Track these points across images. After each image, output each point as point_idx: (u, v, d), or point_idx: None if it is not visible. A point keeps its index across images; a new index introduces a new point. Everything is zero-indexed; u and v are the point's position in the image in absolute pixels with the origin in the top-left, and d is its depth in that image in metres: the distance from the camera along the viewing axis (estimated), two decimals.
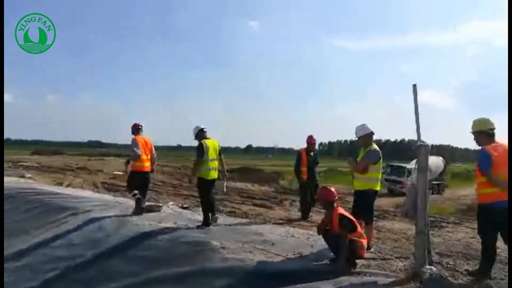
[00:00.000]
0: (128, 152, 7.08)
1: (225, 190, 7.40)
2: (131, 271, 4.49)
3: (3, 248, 2.68)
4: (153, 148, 7.21)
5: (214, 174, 6.03)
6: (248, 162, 41.20)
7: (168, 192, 11.99)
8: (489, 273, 3.76)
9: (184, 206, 8.57)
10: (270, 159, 67.00)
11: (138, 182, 6.84)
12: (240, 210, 8.93)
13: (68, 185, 11.99)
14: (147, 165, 6.95)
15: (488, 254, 3.75)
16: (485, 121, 3.89)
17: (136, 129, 7.06)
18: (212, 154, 5.93)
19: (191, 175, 6.43)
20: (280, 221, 7.38)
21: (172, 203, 9.30)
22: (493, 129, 3.86)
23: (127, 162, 7.08)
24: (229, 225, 6.24)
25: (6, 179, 12.47)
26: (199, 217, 6.95)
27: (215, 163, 6.03)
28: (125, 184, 8.44)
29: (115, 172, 15.95)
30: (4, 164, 12.87)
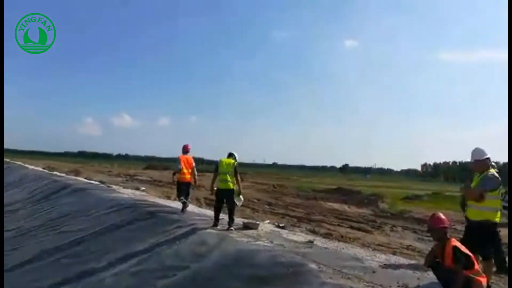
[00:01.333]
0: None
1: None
2: (231, 287, 4.66)
3: (3, 248, 2.97)
4: (194, 165, 9.20)
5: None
6: (344, 182, 39.95)
7: (264, 210, 12.24)
8: None
9: (281, 225, 8.64)
10: (367, 180, 63.91)
11: (181, 190, 8.92)
12: (336, 232, 8.68)
13: (174, 199, 13.05)
14: (188, 177, 9.00)
15: None
16: None
17: (183, 150, 9.15)
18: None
19: None
20: (381, 247, 6.96)
21: (268, 221, 9.46)
22: None
23: (174, 174, 9.20)
24: (326, 247, 6.10)
25: (124, 190, 14.17)
26: (295, 237, 6.98)
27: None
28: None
29: (215, 188, 16.85)
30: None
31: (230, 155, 7.93)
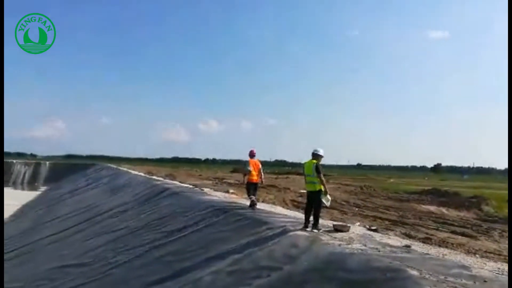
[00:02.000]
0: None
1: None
2: None
3: (3, 248, 3.10)
4: (260, 167, 10.51)
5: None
6: (437, 183, 36.80)
7: (353, 212, 11.87)
8: None
9: (372, 228, 8.30)
10: (464, 180, 57.97)
11: (250, 189, 10.32)
12: (435, 236, 8.04)
13: (262, 201, 13.36)
14: (255, 178, 10.34)
15: None
16: None
17: (250, 154, 10.58)
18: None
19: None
20: (490, 255, 6.27)
21: (358, 223, 9.17)
22: None
23: (244, 175, 10.60)
24: (426, 253, 5.70)
25: (216, 193, 14.93)
26: (390, 241, 6.66)
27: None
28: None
29: (301, 191, 16.88)
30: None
31: (313, 154, 7.92)
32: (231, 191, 16.15)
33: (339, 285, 4.61)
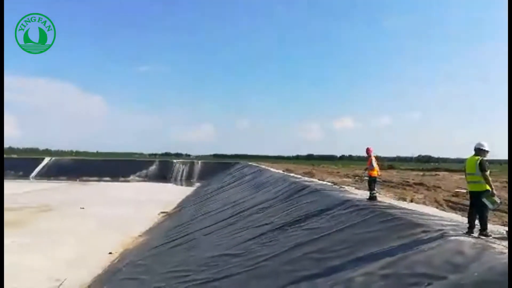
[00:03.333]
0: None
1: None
2: None
3: (3, 247, 2.91)
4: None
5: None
6: None
7: None
8: None
9: None
10: None
11: (371, 182, 11.45)
12: None
13: (410, 201, 12.32)
14: (375, 173, 11.47)
15: None
16: None
17: (368, 152, 11.48)
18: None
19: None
20: None
21: None
22: None
23: (366, 169, 11.87)
24: None
25: (357, 191, 14.43)
26: None
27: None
28: (468, 202, 8.15)
29: (456, 190, 14.98)
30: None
31: (476, 150, 6.96)
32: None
33: None
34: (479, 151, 6.91)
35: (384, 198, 12.46)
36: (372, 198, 11.12)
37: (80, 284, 10.67)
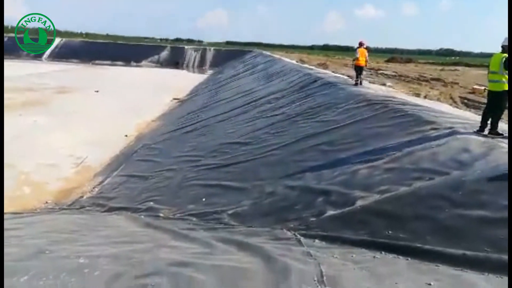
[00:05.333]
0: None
1: None
2: (504, 205, 4.08)
3: (3, 247, 2.94)
4: (367, 55, 13.33)
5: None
6: None
7: None
8: None
9: None
10: None
11: (356, 70, 13.29)
12: None
13: (424, 97, 12.11)
14: (361, 63, 13.23)
15: None
16: None
17: (359, 44, 13.03)
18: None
19: None
20: None
21: None
22: None
23: (353, 60, 13.56)
24: None
25: (371, 85, 14.16)
26: None
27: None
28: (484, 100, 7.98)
29: (474, 87, 14.55)
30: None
31: (503, 47, 6.48)
32: (388, 84, 15.08)
33: None
34: (506, 48, 6.42)
35: (397, 93, 12.24)
36: (356, 84, 13.26)
37: (99, 162, 11.43)
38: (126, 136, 14.84)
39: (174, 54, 65.94)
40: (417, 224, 4.25)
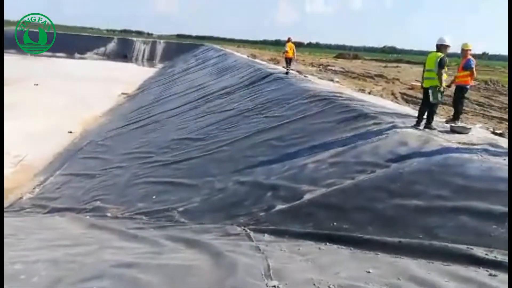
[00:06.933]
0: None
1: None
2: (435, 194, 4.42)
3: (3, 247, 3.07)
4: (294, 48, 16.59)
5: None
6: None
7: (475, 112, 10.64)
8: None
9: (497, 132, 7.40)
10: None
11: (286, 62, 16.58)
12: None
13: (369, 93, 12.70)
14: (290, 55, 16.40)
15: None
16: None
17: (288, 40, 16.29)
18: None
19: None
20: None
21: (480, 125, 8.26)
22: None
23: (283, 53, 15.89)
24: None
25: (320, 81, 14.59)
26: None
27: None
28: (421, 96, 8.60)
29: (413, 83, 15.49)
30: None
31: (437, 46, 7.00)
32: (336, 79, 15.61)
33: (454, 191, 4.35)
34: (441, 47, 6.93)
35: (344, 89, 12.72)
36: (286, 73, 15.56)
37: (41, 161, 10.77)
38: (71, 132, 14.10)
39: (122, 46, 63.31)
40: (359, 215, 4.48)
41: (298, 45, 15.78)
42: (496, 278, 2.99)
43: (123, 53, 60.57)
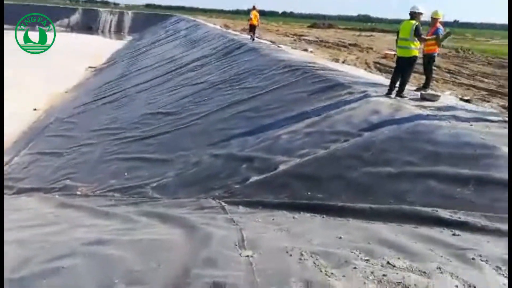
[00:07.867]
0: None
1: None
2: (406, 161, 4.52)
3: (3, 247, 3.05)
4: (258, 16, 17.58)
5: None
6: None
7: (445, 79, 10.85)
8: None
9: (466, 98, 7.60)
10: None
11: (251, 29, 17.41)
12: None
13: (343, 62, 12.68)
14: (254, 22, 17.13)
15: None
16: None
17: (253, 8, 17.02)
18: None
19: None
20: None
21: (449, 92, 8.44)
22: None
23: (248, 20, 17.57)
24: None
25: (293, 51, 14.43)
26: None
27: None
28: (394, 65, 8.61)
29: (386, 52, 15.58)
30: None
31: (411, 14, 6.97)
32: (310, 49, 15.48)
33: (423, 157, 4.46)
34: (415, 14, 6.90)
35: (318, 58, 12.64)
36: (253, 39, 16.76)
37: (4, 140, 10.28)
38: (35, 109, 13.47)
39: (86, 18, 60.22)
40: (333, 184, 4.54)
41: (262, 13, 15.82)
42: (459, 237, 3.12)
43: (88, 24, 57.75)
